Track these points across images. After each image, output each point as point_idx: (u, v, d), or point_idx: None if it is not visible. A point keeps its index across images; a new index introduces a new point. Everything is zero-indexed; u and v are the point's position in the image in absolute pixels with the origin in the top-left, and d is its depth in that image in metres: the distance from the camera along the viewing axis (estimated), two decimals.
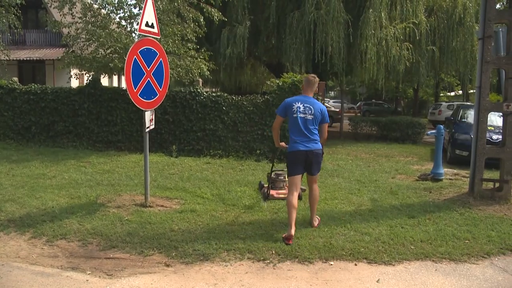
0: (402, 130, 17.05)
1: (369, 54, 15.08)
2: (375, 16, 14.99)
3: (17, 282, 4.20)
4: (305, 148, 5.48)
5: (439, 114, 26.55)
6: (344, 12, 14.94)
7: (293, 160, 5.56)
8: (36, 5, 22.80)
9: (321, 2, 14.99)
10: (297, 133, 5.53)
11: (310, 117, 5.51)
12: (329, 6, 14.68)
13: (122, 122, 11.68)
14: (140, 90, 6.22)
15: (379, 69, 15.80)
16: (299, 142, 5.50)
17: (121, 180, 8.17)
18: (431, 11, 17.75)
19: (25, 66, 25.52)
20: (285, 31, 16.03)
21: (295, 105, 5.55)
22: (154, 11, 6.50)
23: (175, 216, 5.98)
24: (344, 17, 14.94)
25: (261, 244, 5.03)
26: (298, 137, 5.52)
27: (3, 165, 9.44)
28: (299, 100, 5.62)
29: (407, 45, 16.10)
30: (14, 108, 12.65)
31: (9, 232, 5.51)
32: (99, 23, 11.75)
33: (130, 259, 4.74)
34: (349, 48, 15.88)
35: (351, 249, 4.92)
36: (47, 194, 7.08)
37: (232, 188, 7.65)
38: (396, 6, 15.98)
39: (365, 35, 14.91)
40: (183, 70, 11.85)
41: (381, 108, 40.66)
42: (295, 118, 5.51)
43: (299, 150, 5.49)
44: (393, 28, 15.66)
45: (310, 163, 5.55)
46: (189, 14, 12.01)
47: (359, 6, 15.73)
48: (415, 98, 39.28)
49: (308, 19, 14.93)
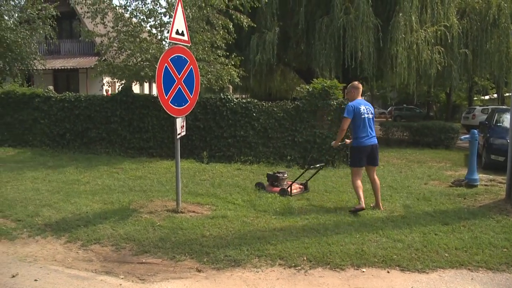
0: (434, 135, 16.71)
1: (399, 59, 14.92)
2: (405, 20, 14.82)
3: (54, 284, 4.30)
4: (371, 143, 6.67)
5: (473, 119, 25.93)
6: (373, 17, 14.82)
7: (360, 153, 6.67)
8: (70, 15, 23.37)
9: (350, 7, 14.91)
10: (364, 131, 6.63)
11: (371, 116, 6.75)
12: (358, 11, 14.59)
13: (153, 128, 11.84)
14: (171, 97, 6.30)
15: (410, 73, 15.59)
16: (366, 138, 6.64)
17: (153, 186, 8.28)
18: (463, 13, 17.37)
19: (59, 75, 26.14)
20: (314, 37, 15.98)
21: (361, 108, 6.64)
22: (184, 19, 6.57)
23: (206, 222, 6.01)
24: (374, 21, 14.82)
25: (292, 250, 5.00)
26: (364, 134, 6.64)
27: (40, 171, 9.71)
28: (362, 103, 6.76)
29: (438, 48, 15.86)
30: (50, 115, 13.01)
31: (46, 236, 5.67)
32: (130, 32, 11.96)
33: (162, 264, 4.78)
34: (379, 53, 15.73)
35: (383, 256, 4.84)
36: (81, 200, 7.24)
37: (263, 194, 7.64)
38: (427, 9, 15.74)
39: (395, 39, 14.76)
40: (213, 77, 11.93)
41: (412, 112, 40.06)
42: (363, 119, 6.61)
43: (366, 145, 6.64)
44: (424, 32, 15.46)
45: (373, 155, 6.77)
46: (219, 21, 12.10)
47: (388, 10, 15.57)
48: (447, 102, 38.48)
49: (337, 24, 14.87)
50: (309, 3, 16.27)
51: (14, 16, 17.46)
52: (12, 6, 17.54)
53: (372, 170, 6.90)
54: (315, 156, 10.72)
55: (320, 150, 10.72)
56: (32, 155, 12.15)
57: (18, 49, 16.74)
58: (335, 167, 10.55)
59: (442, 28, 15.68)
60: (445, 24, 15.71)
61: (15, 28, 16.44)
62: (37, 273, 4.57)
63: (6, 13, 17.24)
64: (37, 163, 10.88)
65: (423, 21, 15.76)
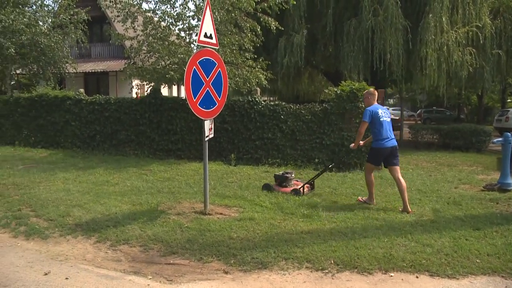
0: (465, 138, 16.36)
1: (429, 60, 14.67)
2: (435, 21, 14.56)
3: (84, 283, 4.38)
4: (391, 145, 7.00)
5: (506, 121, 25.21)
6: (402, 18, 14.63)
7: (379, 154, 7.07)
8: (101, 20, 23.82)
9: (379, 8, 14.75)
10: (384, 134, 6.97)
11: (389, 119, 7.12)
12: (386, 13, 14.43)
13: (181, 131, 11.95)
14: (200, 99, 6.35)
15: (440, 75, 15.30)
16: (386, 140, 6.98)
17: (181, 188, 8.35)
18: (497, 12, 16.90)
19: (90, 78, 26.64)
20: (343, 39, 15.87)
21: (379, 112, 7.02)
22: (213, 22, 6.62)
23: (234, 224, 6.03)
24: (403, 23, 14.62)
25: (319, 253, 4.96)
26: (384, 136, 6.97)
27: (71, 172, 9.91)
28: (379, 108, 7.15)
29: (470, 49, 15.53)
30: (81, 118, 13.29)
31: (77, 236, 5.78)
32: (159, 35, 12.10)
33: (190, 266, 4.82)
34: (408, 55, 15.50)
35: (412, 260, 4.76)
36: (110, 201, 7.36)
37: (290, 196, 7.62)
38: (458, 9, 15.41)
39: (425, 40, 14.52)
40: (241, 79, 11.96)
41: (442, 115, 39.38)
42: (382, 122, 6.98)
43: (386, 147, 6.98)
44: (455, 33, 15.16)
45: (394, 156, 7.07)
46: (246, 24, 12.12)
47: (418, 11, 15.33)
48: (479, 104, 37.64)
49: (365, 26, 14.74)
50: (337, 5, 16.18)
51: (48, 21, 17.89)
52: (46, 12, 17.98)
53: (395, 170, 7.07)
54: (344, 159, 10.65)
55: (348, 153, 10.62)
56: (64, 156, 12.42)
57: (51, 53, 17.14)
58: (363, 170, 10.39)
59: (474, 28, 15.33)
60: (477, 24, 15.35)
61: (48, 33, 16.85)
62: (68, 271, 4.67)
63: (41, 18, 17.70)
64: (68, 164, 11.11)
65: (454, 22, 15.45)
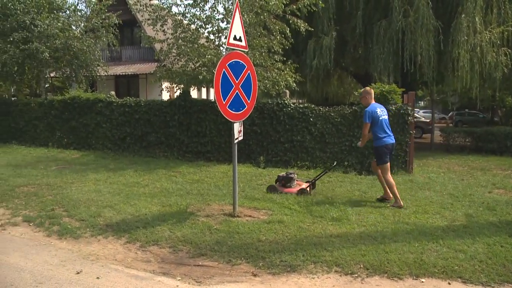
0: (500, 141, 15.97)
1: (461, 62, 14.38)
2: (468, 21, 14.27)
3: (114, 283, 4.44)
4: (392, 141, 7.45)
5: None
6: (433, 19, 14.39)
7: (385, 151, 7.35)
8: (132, 23, 24.22)
9: (409, 9, 14.54)
10: (384, 131, 7.37)
11: (386, 117, 7.52)
12: (417, 14, 14.21)
13: (211, 133, 12.01)
14: (229, 102, 6.36)
15: (473, 77, 14.99)
16: (387, 137, 7.37)
17: (210, 190, 8.38)
18: None
19: (121, 80, 27.07)
20: (372, 41, 15.72)
21: (378, 111, 7.38)
22: (242, 25, 6.62)
23: (262, 227, 6.01)
24: (434, 23, 14.39)
25: (349, 257, 4.91)
26: (385, 133, 7.37)
27: (102, 173, 10.07)
28: (377, 107, 7.51)
29: (505, 50, 15.14)
30: (112, 120, 13.50)
31: (107, 236, 5.88)
32: (188, 38, 12.20)
33: (218, 267, 4.83)
34: (439, 56, 15.23)
35: (444, 266, 4.65)
36: (140, 202, 7.44)
37: (319, 200, 7.57)
38: (492, 9, 15.05)
39: (457, 41, 14.24)
40: (270, 82, 11.94)
41: (475, 118, 38.45)
42: (381, 121, 7.36)
43: (389, 143, 7.39)
44: (489, 33, 14.82)
45: (391, 152, 7.54)
46: (276, 26, 12.10)
47: (450, 11, 15.05)
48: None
49: (396, 28, 14.56)
50: (366, 6, 16.02)
51: (80, 25, 18.28)
52: (79, 16, 18.37)
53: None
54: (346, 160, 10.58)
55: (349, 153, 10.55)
56: (95, 157, 12.64)
57: (84, 57, 17.49)
58: (393, 173, 10.22)
59: (510, 28, 14.95)
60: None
61: (81, 37, 17.20)
62: (99, 271, 4.74)
63: (74, 23, 18.08)
64: (99, 165, 11.30)
65: (488, 22, 15.10)
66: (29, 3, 16.35)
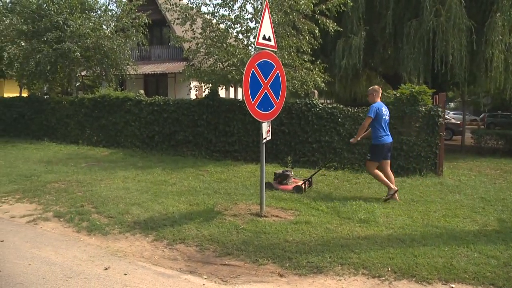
0: None
1: (495, 62, 14.02)
2: (503, 20, 13.88)
3: (141, 280, 4.49)
4: (390, 140, 7.86)
5: None
6: (466, 18, 14.05)
7: (382, 149, 7.76)
8: (161, 23, 24.46)
9: (441, 9, 14.24)
10: (385, 130, 7.77)
11: (388, 118, 7.93)
12: (449, 13, 13.91)
13: (239, 132, 12.02)
14: (258, 101, 6.36)
15: (507, 77, 14.63)
16: (386, 136, 7.76)
17: (237, 189, 8.39)
18: None
19: (149, 79, 27.40)
20: (402, 41, 15.47)
21: (383, 110, 7.80)
22: (271, 24, 6.61)
23: (289, 227, 5.99)
24: (467, 23, 14.05)
25: (376, 260, 4.85)
26: (385, 132, 7.76)
27: (130, 171, 10.20)
28: (383, 106, 7.90)
29: None
30: (140, 118, 13.66)
31: (135, 233, 5.94)
32: (217, 37, 12.24)
33: (245, 267, 4.82)
34: (472, 56, 14.86)
35: (475, 272, 4.54)
36: (168, 200, 7.50)
37: (347, 201, 7.50)
38: None
39: (491, 41, 13.88)
40: (298, 82, 11.89)
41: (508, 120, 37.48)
42: (384, 119, 7.78)
43: (388, 142, 7.81)
44: None
45: (389, 151, 7.97)
46: (304, 26, 12.05)
47: (484, 10, 14.68)
48: None
49: (426, 28, 14.29)
50: (397, 6, 15.77)
51: (111, 25, 18.52)
52: (110, 16, 18.63)
53: (388, 164, 7.99)
54: (401, 164, 10.36)
55: (407, 157, 10.33)
56: (123, 155, 12.81)
57: (114, 56, 17.71)
58: (422, 175, 10.10)
59: None
60: None
61: (111, 36, 17.42)
62: (127, 267, 4.80)
63: (105, 23, 18.35)
64: (127, 163, 11.44)
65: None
66: (62, 3, 16.66)
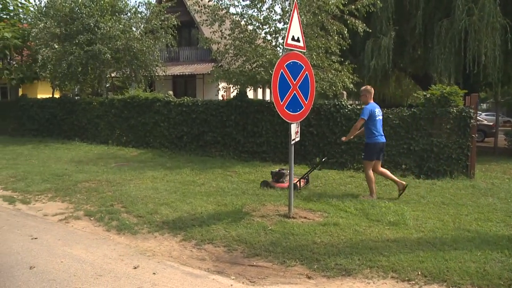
0: None
1: None
2: None
3: (170, 279, 4.53)
4: (383, 140, 7.97)
5: None
6: (500, 17, 13.71)
7: (375, 149, 7.88)
8: (189, 24, 24.69)
9: (474, 7, 13.93)
10: (379, 130, 7.88)
11: (381, 118, 8.07)
12: (483, 11, 13.59)
13: (267, 133, 12.01)
14: (287, 102, 6.35)
15: None
16: (380, 136, 7.88)
17: (265, 190, 8.36)
18: None
19: (178, 80, 27.64)
20: (433, 41, 15.23)
21: (376, 111, 7.89)
22: (300, 25, 6.58)
23: (318, 229, 5.95)
24: (501, 21, 13.71)
25: (406, 263, 4.77)
26: (378, 132, 7.87)
27: (159, 171, 10.31)
28: (375, 107, 7.96)
29: None
30: (169, 119, 13.81)
31: (164, 233, 6.01)
32: (246, 38, 12.27)
33: (273, 268, 4.82)
34: (506, 56, 14.52)
35: (510, 278, 4.40)
36: (196, 200, 7.56)
37: (376, 203, 7.40)
38: None
39: None
40: (327, 83, 11.82)
41: None
42: (378, 120, 7.90)
43: (381, 142, 7.91)
44: None
45: (382, 151, 8.13)
46: (333, 27, 11.96)
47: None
48: None
49: (458, 27, 14.00)
50: (427, 6, 15.53)
51: (140, 27, 18.79)
52: (139, 18, 18.89)
53: (379, 164, 8.10)
54: (431, 166, 10.19)
55: (437, 159, 10.15)
56: (152, 156, 12.96)
57: (143, 57, 17.97)
58: (453, 178, 9.90)
59: None
60: None
61: (141, 38, 17.67)
62: (155, 267, 4.85)
63: (134, 24, 18.62)
64: (156, 163, 11.57)
65: None
66: (94, 6, 16.97)
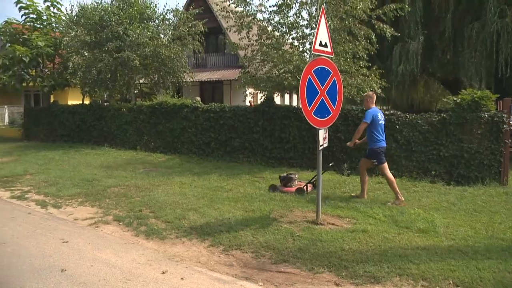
0: None
1: None
2: None
3: (198, 284, 4.55)
4: (385, 145, 8.19)
5: None
6: None
7: (381, 152, 8.11)
8: (216, 31, 24.84)
9: (506, 9, 13.61)
10: (381, 134, 8.08)
11: (383, 122, 8.22)
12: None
13: (294, 139, 11.96)
14: (314, 108, 6.33)
15: None
16: (382, 140, 8.09)
17: (293, 196, 8.32)
18: None
19: (205, 86, 27.80)
20: (463, 45, 14.98)
21: (379, 115, 8.07)
22: (328, 30, 6.56)
23: (346, 235, 5.90)
24: None
25: (436, 271, 4.68)
26: (382, 136, 8.07)
27: (187, 177, 10.39)
28: (378, 111, 8.18)
29: None
30: (197, 125, 13.91)
31: (191, 239, 6.04)
32: (273, 44, 12.27)
33: (300, 275, 4.79)
34: None
35: None
36: (224, 206, 7.58)
37: (405, 209, 7.28)
38: None
39: None
40: (354, 88, 11.70)
41: None
42: (380, 124, 8.07)
43: (383, 146, 8.13)
44: None
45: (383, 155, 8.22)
46: (361, 32, 11.85)
47: None
48: None
49: (489, 30, 13.73)
50: (456, 9, 15.28)
51: (168, 34, 19.01)
52: (167, 25, 19.14)
53: (370, 166, 8.50)
54: (462, 172, 9.99)
55: (468, 165, 9.94)
56: (180, 161, 13.07)
57: (171, 64, 18.19)
58: (485, 184, 9.66)
59: None
60: None
61: (168, 45, 17.87)
62: (183, 272, 4.88)
63: (162, 31, 18.87)
64: (184, 169, 11.66)
65: None
66: (123, 14, 17.26)
